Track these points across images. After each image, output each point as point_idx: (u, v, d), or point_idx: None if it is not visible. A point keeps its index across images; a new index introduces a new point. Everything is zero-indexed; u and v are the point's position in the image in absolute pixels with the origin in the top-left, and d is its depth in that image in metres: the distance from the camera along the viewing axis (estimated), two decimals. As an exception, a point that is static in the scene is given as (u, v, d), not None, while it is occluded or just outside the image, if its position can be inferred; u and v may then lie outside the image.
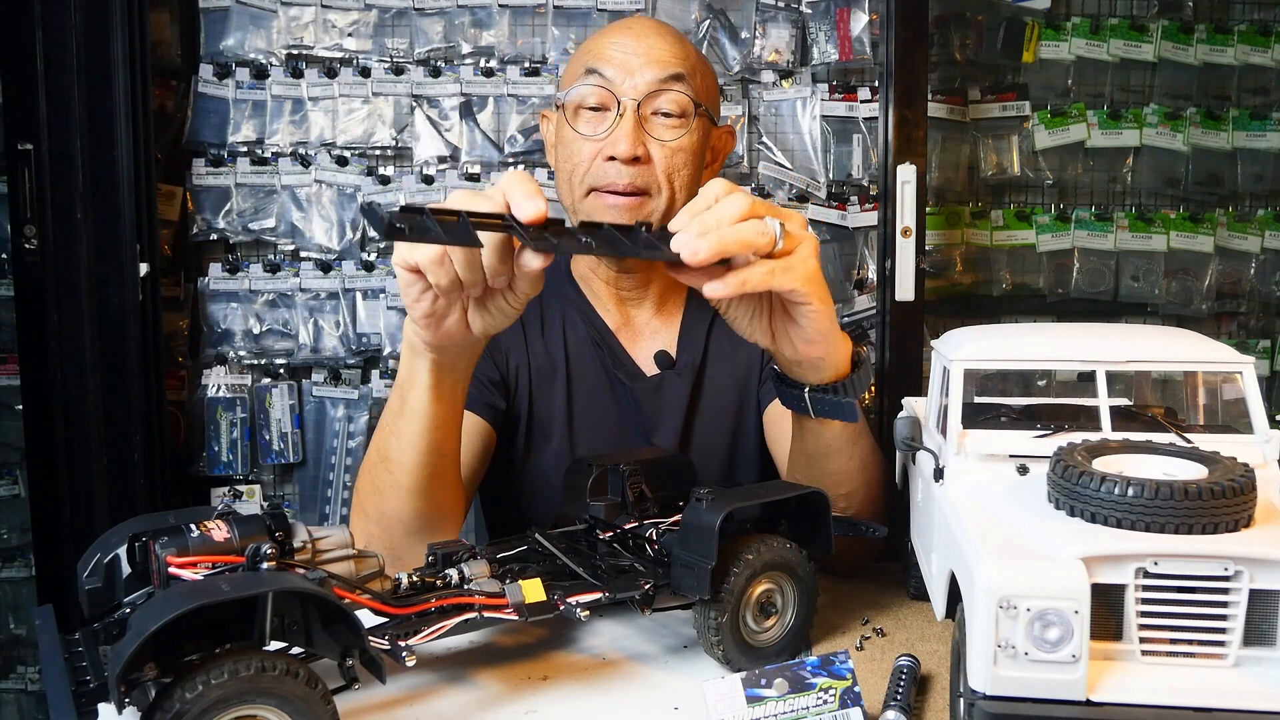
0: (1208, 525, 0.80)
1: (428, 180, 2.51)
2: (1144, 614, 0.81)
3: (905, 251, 2.26)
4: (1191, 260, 2.68)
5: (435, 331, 1.08)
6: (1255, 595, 0.80)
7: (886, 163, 2.29)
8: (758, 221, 1.03)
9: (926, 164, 2.31)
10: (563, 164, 1.49)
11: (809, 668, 0.88)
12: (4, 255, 2.45)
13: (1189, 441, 0.96)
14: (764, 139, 2.56)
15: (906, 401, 1.27)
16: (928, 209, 2.33)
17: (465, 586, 0.96)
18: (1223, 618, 0.80)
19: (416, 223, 0.88)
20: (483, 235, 0.93)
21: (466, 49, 2.52)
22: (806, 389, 1.18)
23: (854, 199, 2.56)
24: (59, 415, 2.25)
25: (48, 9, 2.18)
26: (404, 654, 0.87)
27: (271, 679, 0.73)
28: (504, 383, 1.52)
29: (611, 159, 1.42)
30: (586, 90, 1.44)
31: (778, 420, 1.51)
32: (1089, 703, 0.78)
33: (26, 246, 2.22)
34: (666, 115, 1.44)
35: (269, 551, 0.84)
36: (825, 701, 0.88)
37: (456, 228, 0.90)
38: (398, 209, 0.88)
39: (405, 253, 1.02)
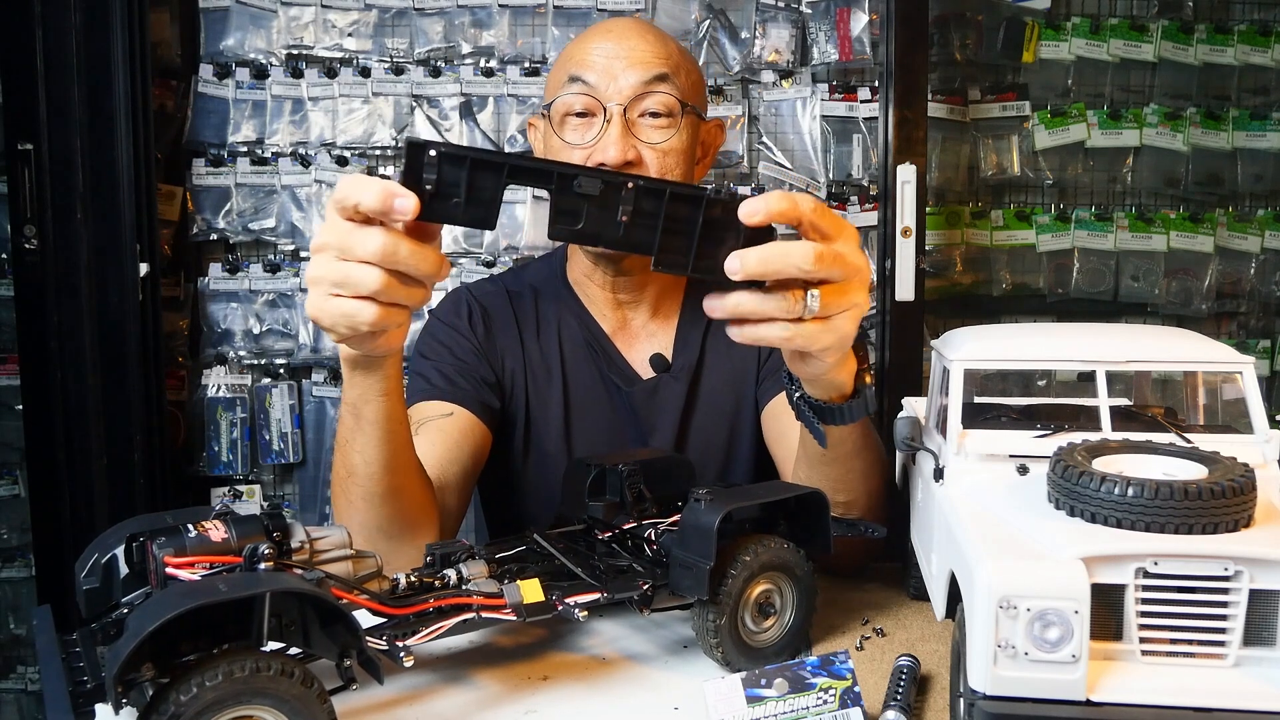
0: (1208, 525, 0.80)
1: (427, 180, 2.51)
2: (1144, 614, 0.81)
3: (905, 251, 2.26)
4: (1191, 260, 2.68)
5: (397, 342, 1.04)
6: (1255, 595, 0.80)
7: (886, 163, 2.29)
8: (789, 296, 0.97)
9: (926, 164, 2.32)
10: None
11: (809, 668, 0.88)
12: (4, 255, 2.45)
13: (1189, 441, 0.96)
14: (764, 139, 2.56)
15: (906, 401, 1.27)
16: (928, 209, 2.33)
17: (463, 587, 0.96)
18: (1223, 618, 0.80)
19: (447, 182, 0.88)
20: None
21: (466, 49, 2.52)
22: (798, 395, 1.18)
23: (854, 199, 2.56)
24: (59, 415, 2.25)
25: (48, 9, 2.18)
26: (402, 654, 0.87)
27: (267, 679, 0.73)
28: (499, 384, 1.52)
29: (601, 165, 1.41)
30: (571, 98, 1.44)
31: (777, 418, 1.51)
32: (1089, 703, 0.77)
33: (26, 246, 2.22)
34: (654, 116, 1.43)
35: (266, 552, 0.83)
36: (825, 701, 0.88)
37: (486, 192, 0.89)
38: (439, 146, 0.87)
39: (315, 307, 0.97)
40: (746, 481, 1.54)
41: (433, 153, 0.88)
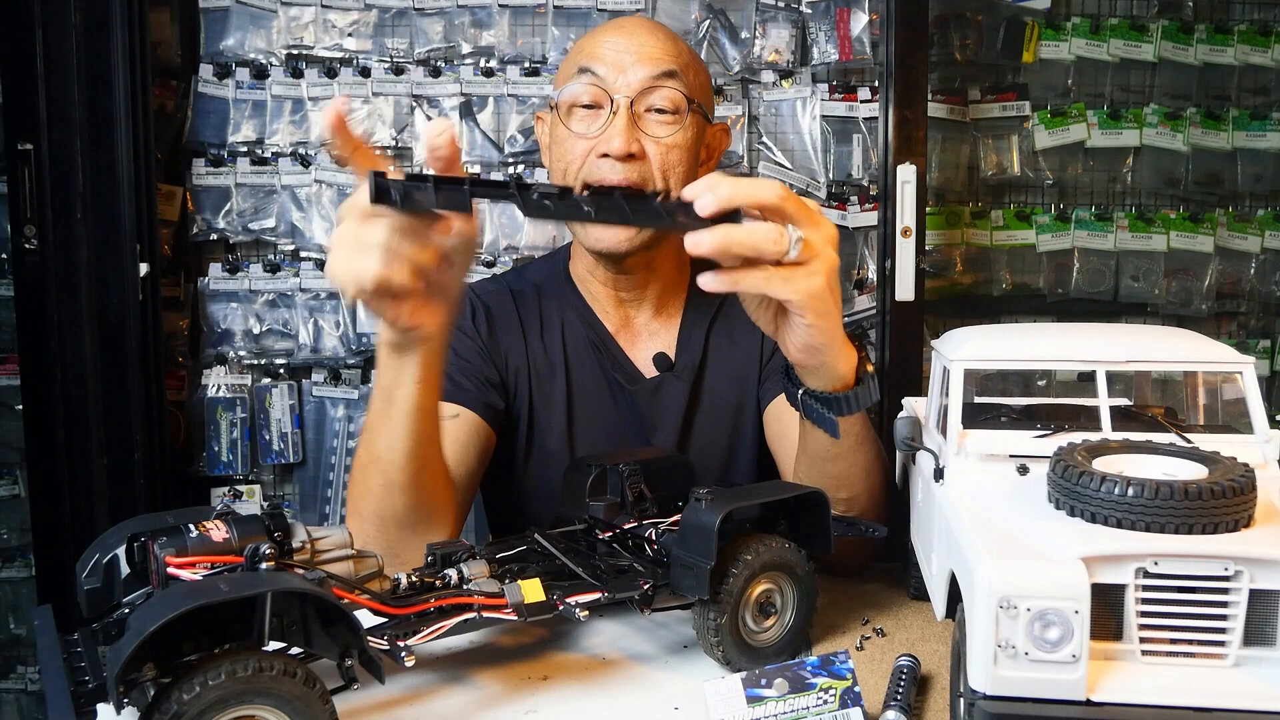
0: (1208, 525, 0.80)
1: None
2: (1144, 614, 0.81)
3: (905, 251, 2.26)
4: (1191, 260, 2.68)
5: (425, 321, 1.07)
6: (1255, 595, 0.80)
7: (886, 163, 2.29)
8: (775, 227, 1.01)
9: (926, 164, 2.31)
10: (556, 162, 1.49)
11: (809, 668, 0.88)
12: (4, 255, 2.45)
13: (1189, 441, 0.96)
14: (764, 139, 2.56)
15: (906, 401, 1.27)
16: (928, 209, 2.33)
17: (464, 587, 0.96)
18: (1223, 618, 0.80)
19: (408, 190, 0.92)
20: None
21: (466, 49, 2.52)
22: (801, 390, 1.18)
23: (854, 199, 2.56)
24: (59, 415, 2.25)
25: (48, 9, 2.18)
26: (403, 654, 0.87)
27: (269, 679, 0.73)
28: (503, 384, 1.52)
29: (605, 156, 1.42)
30: (580, 89, 1.44)
31: (779, 418, 1.51)
32: (1089, 703, 0.78)
33: (26, 246, 2.22)
34: (660, 112, 1.43)
35: (268, 552, 0.83)
36: (825, 701, 0.88)
37: (452, 192, 0.92)
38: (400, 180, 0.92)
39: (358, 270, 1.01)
40: (748, 481, 1.54)
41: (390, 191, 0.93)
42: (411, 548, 1.18)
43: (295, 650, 0.82)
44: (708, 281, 1.01)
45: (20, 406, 2.31)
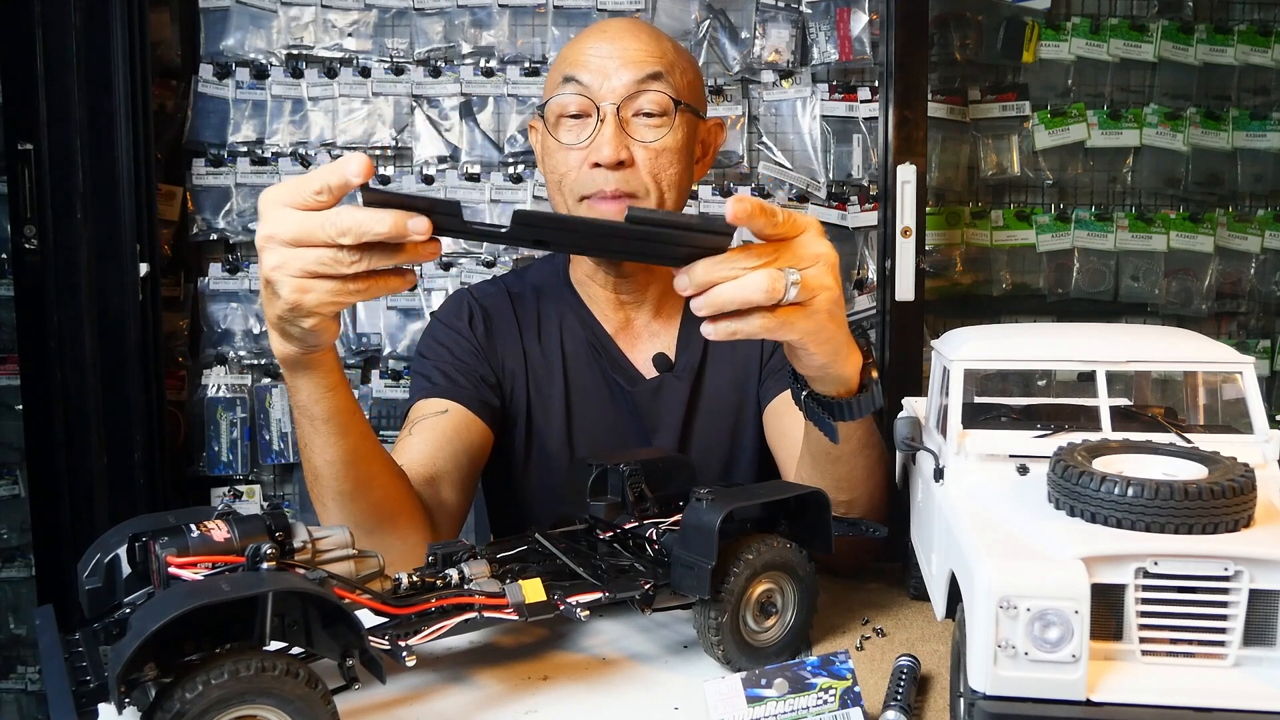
0: (1208, 525, 0.80)
1: (428, 180, 2.51)
2: (1144, 614, 0.81)
3: (905, 251, 2.26)
4: (1191, 260, 2.68)
5: (327, 330, 1.03)
6: (1255, 595, 0.80)
7: (886, 163, 2.29)
8: (768, 275, 0.98)
9: (926, 164, 2.32)
10: (550, 174, 1.49)
11: (809, 668, 0.88)
12: (4, 255, 2.45)
13: (1189, 441, 0.96)
14: (764, 139, 2.56)
15: (906, 401, 1.27)
16: (928, 209, 2.34)
17: (465, 586, 0.96)
18: (1223, 618, 0.80)
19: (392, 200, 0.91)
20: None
21: (466, 49, 2.52)
22: (805, 393, 1.18)
23: (854, 199, 2.56)
24: (59, 415, 2.25)
25: (48, 9, 2.19)
26: (404, 654, 0.87)
27: (271, 679, 0.73)
28: (499, 385, 1.52)
29: (597, 165, 1.41)
30: (566, 99, 1.44)
31: (779, 418, 1.51)
32: (1089, 703, 0.78)
33: (26, 246, 2.22)
34: (648, 115, 1.43)
35: (269, 551, 0.83)
36: (825, 701, 0.88)
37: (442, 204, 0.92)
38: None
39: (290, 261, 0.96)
40: (749, 481, 1.54)
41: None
42: (384, 552, 1.18)
43: (296, 650, 0.82)
44: (708, 331, 1.00)
45: (20, 406, 2.31)
